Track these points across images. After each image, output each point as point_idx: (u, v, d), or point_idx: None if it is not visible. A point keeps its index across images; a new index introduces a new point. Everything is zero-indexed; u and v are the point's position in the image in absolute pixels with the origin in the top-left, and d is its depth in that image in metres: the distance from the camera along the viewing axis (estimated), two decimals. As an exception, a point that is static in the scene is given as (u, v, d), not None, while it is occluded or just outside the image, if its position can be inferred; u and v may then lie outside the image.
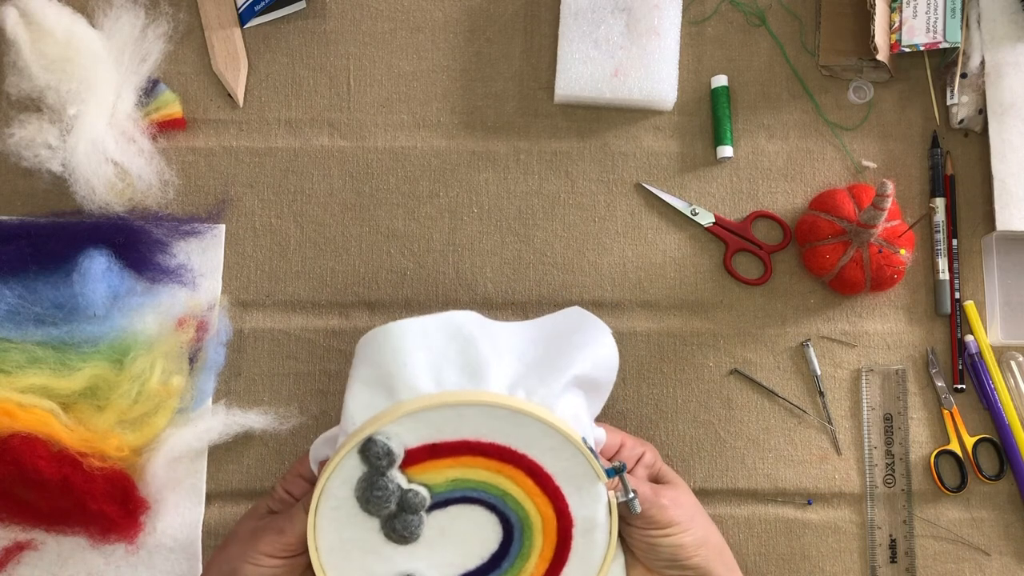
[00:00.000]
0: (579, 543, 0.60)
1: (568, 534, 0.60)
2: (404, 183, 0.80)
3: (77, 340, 0.72)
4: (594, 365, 0.62)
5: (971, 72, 0.78)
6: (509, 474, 0.59)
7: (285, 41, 0.82)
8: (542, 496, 0.59)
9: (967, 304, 0.77)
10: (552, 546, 0.60)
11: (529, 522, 0.60)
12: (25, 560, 0.72)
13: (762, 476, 0.76)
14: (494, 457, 0.58)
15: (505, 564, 0.60)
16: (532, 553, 0.60)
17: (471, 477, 0.59)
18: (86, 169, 0.75)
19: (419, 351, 0.59)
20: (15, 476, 0.69)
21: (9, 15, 0.75)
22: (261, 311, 0.78)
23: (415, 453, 0.58)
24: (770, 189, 0.80)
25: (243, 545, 0.60)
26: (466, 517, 0.59)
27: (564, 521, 0.59)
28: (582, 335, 0.63)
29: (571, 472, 0.59)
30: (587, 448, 0.58)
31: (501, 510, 0.59)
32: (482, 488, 0.59)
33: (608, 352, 0.64)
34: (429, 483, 0.59)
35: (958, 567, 0.74)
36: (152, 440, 0.72)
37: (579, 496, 0.59)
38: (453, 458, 0.58)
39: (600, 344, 0.63)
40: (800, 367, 0.77)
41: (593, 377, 0.63)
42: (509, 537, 0.60)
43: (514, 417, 0.58)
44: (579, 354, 0.61)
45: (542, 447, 0.58)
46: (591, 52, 0.78)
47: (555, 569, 0.60)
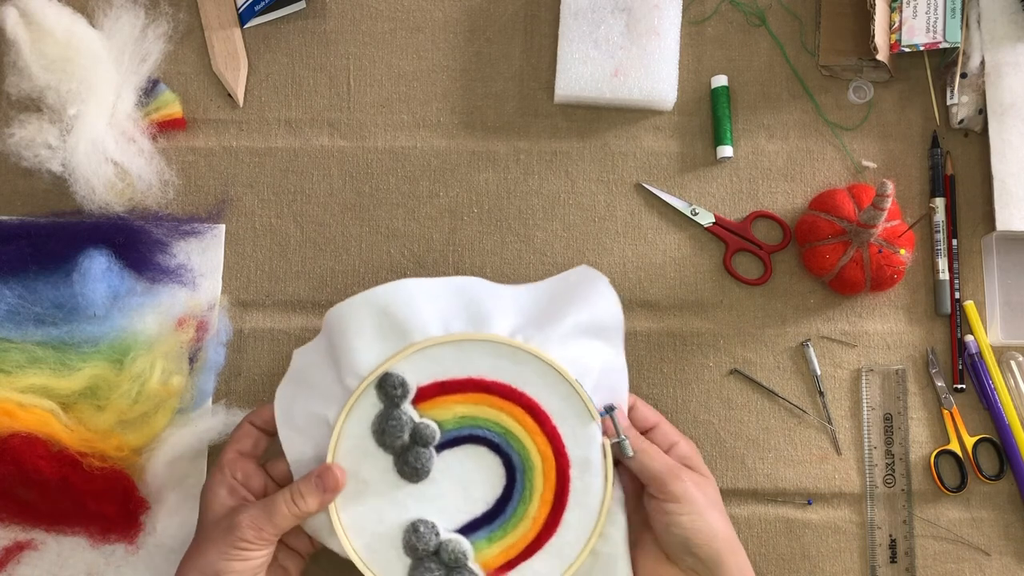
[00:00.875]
0: (577, 485, 0.62)
1: (566, 475, 0.62)
2: (404, 183, 0.80)
3: (77, 340, 0.72)
4: (592, 313, 0.65)
5: (971, 72, 0.78)
6: (510, 411, 0.62)
7: (285, 41, 0.82)
8: (540, 435, 0.62)
9: (967, 304, 0.77)
10: (552, 488, 0.62)
11: (530, 462, 0.63)
12: (25, 560, 0.72)
13: (762, 476, 0.76)
14: (496, 394, 0.62)
15: (509, 509, 0.63)
16: (534, 496, 0.63)
17: (476, 414, 0.63)
18: (86, 169, 0.75)
19: (429, 304, 0.63)
20: (15, 476, 0.69)
21: (9, 15, 0.75)
22: (261, 311, 0.78)
23: (425, 390, 0.62)
24: (770, 189, 0.80)
25: (219, 544, 0.59)
26: (472, 459, 0.63)
27: (561, 460, 0.62)
28: (581, 288, 0.66)
29: (566, 412, 0.62)
30: (580, 388, 0.62)
31: (504, 451, 0.63)
32: (486, 426, 0.63)
33: (606, 299, 0.66)
34: (438, 419, 0.62)
35: (958, 567, 0.74)
36: (152, 440, 0.72)
37: (574, 436, 0.62)
38: (460, 395, 0.62)
39: (598, 293, 0.66)
40: (800, 367, 0.77)
41: (597, 323, 0.65)
42: (512, 481, 0.63)
43: (514, 355, 0.62)
44: (575, 304, 0.65)
45: (539, 385, 0.62)
46: (591, 52, 0.78)
47: (556, 513, 0.62)
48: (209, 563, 0.59)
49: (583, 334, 0.65)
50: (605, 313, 0.65)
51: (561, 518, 0.62)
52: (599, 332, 0.65)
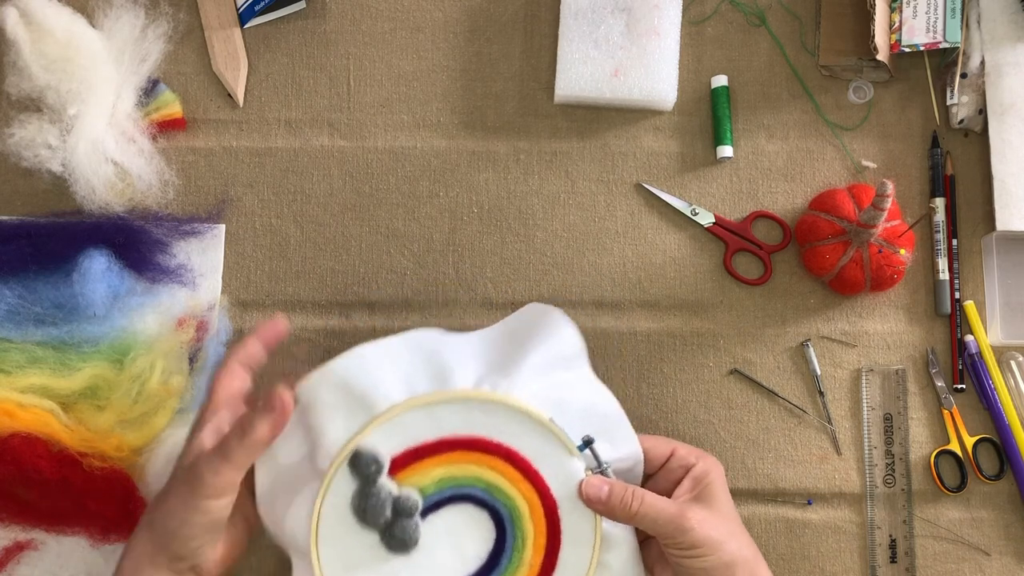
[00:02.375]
0: (568, 523, 0.61)
1: (555, 516, 0.61)
2: (404, 183, 0.80)
3: (77, 340, 0.72)
4: (552, 346, 0.64)
5: (971, 72, 0.78)
6: (489, 464, 0.61)
7: (285, 41, 0.82)
8: (523, 481, 0.61)
9: (967, 304, 0.77)
10: (543, 532, 0.61)
11: (518, 511, 0.61)
12: (25, 560, 0.72)
13: (762, 476, 0.76)
14: (472, 449, 0.60)
15: (504, 560, 0.61)
16: (526, 542, 0.61)
17: (455, 474, 0.61)
18: (86, 169, 0.75)
19: (388, 368, 0.61)
20: (15, 476, 0.69)
21: (9, 15, 0.75)
22: (261, 311, 0.78)
23: (399, 460, 0.60)
24: (770, 189, 0.80)
25: (181, 495, 0.57)
26: (459, 518, 0.61)
27: (548, 502, 0.61)
28: (537, 325, 0.65)
29: (546, 453, 0.61)
30: (553, 425, 0.60)
31: (490, 504, 0.61)
32: (467, 483, 0.61)
33: (563, 330, 0.65)
34: (418, 486, 0.60)
35: (958, 567, 0.74)
36: (152, 440, 0.72)
37: (556, 476, 0.61)
38: (435, 457, 0.60)
39: (554, 325, 0.65)
40: (800, 367, 0.77)
41: (559, 355, 0.64)
42: (502, 532, 0.61)
43: (483, 406, 0.60)
44: (533, 341, 0.63)
45: (514, 432, 0.60)
46: (591, 52, 0.78)
47: (551, 554, 0.61)
48: (171, 512, 0.57)
49: (549, 369, 0.63)
50: (565, 344, 0.64)
51: (557, 559, 0.61)
52: (566, 364, 0.64)
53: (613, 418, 0.64)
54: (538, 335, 0.64)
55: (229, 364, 0.62)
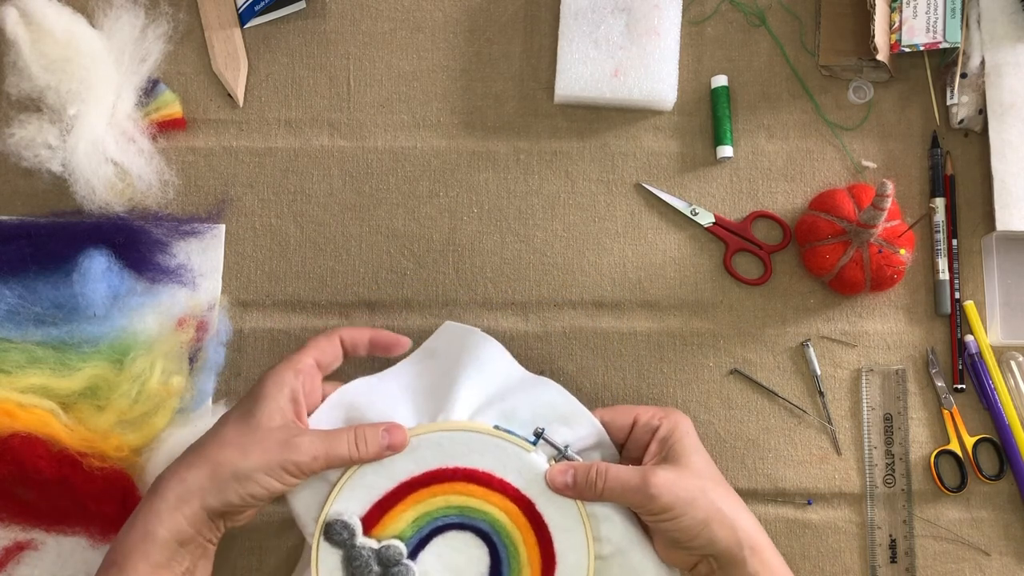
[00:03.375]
0: (552, 516, 0.62)
1: (536, 514, 0.62)
2: (404, 183, 0.80)
3: (77, 340, 0.72)
4: (477, 369, 0.65)
5: (971, 72, 0.78)
6: (457, 490, 0.62)
7: (285, 41, 0.82)
8: (493, 493, 0.62)
9: (967, 304, 0.77)
10: (531, 531, 0.62)
11: (499, 522, 0.63)
12: (25, 560, 0.72)
13: (762, 476, 0.76)
14: (433, 482, 0.62)
15: (505, 570, 0.63)
16: (519, 548, 0.63)
17: (427, 510, 0.63)
18: (86, 169, 0.75)
19: None
20: (15, 476, 0.69)
21: (9, 15, 0.75)
22: (261, 311, 0.78)
23: (369, 517, 0.62)
24: (770, 189, 0.80)
25: (269, 456, 0.58)
26: (448, 548, 0.63)
27: (524, 504, 0.62)
28: (460, 352, 0.66)
29: (502, 459, 0.62)
30: (499, 431, 0.62)
31: (471, 525, 0.63)
32: (442, 514, 0.63)
33: (484, 351, 0.66)
34: (397, 533, 0.62)
35: (958, 567, 0.74)
36: (152, 440, 0.72)
37: (522, 476, 0.62)
38: (402, 503, 0.63)
39: (476, 348, 0.66)
40: (800, 367, 0.77)
41: (491, 372, 0.66)
42: (493, 546, 0.63)
43: (428, 442, 0.62)
44: (460, 368, 0.65)
45: (464, 453, 0.62)
46: (591, 52, 0.78)
47: (547, 550, 0.62)
48: (249, 466, 0.57)
49: (481, 390, 0.65)
50: (493, 362, 0.66)
51: (554, 550, 0.62)
52: (498, 379, 0.66)
53: (561, 403, 0.65)
54: (462, 362, 0.65)
55: (333, 335, 0.64)
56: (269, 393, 0.60)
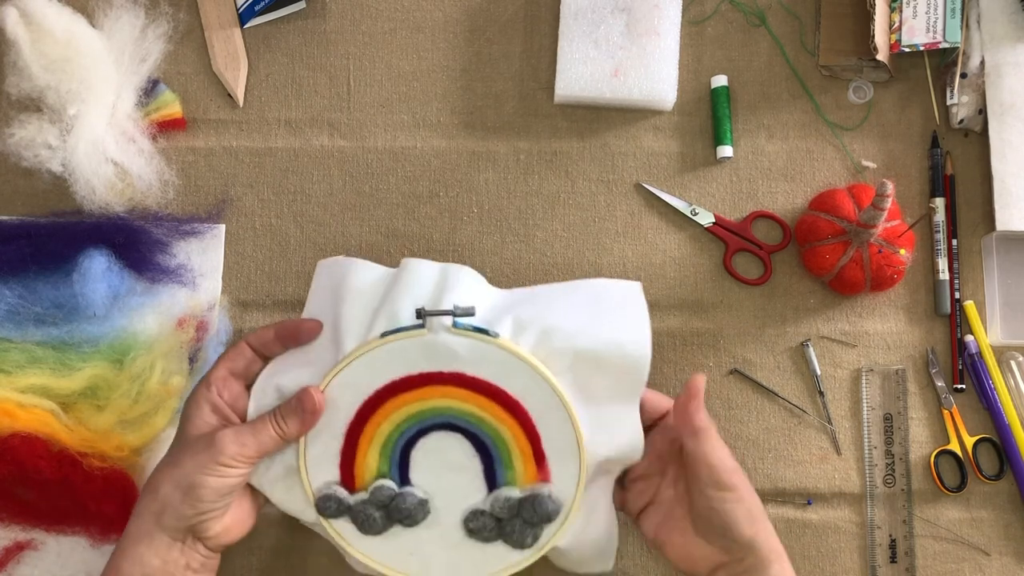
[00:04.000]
0: (513, 383, 0.61)
1: (478, 382, 0.61)
2: (404, 183, 0.80)
3: (77, 340, 0.72)
4: (356, 292, 0.63)
5: (971, 72, 0.78)
6: (401, 404, 0.62)
7: (285, 41, 0.82)
8: (434, 387, 0.61)
9: (967, 304, 0.77)
10: (509, 411, 0.62)
11: (458, 410, 0.62)
12: (25, 560, 0.72)
13: (762, 476, 0.76)
14: (373, 412, 0.62)
15: (493, 452, 0.62)
16: (505, 434, 0.62)
17: (385, 438, 0.62)
18: (86, 169, 0.75)
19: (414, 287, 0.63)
20: (15, 476, 0.69)
21: (9, 15, 0.75)
22: (261, 311, 0.78)
23: (344, 475, 0.63)
24: (770, 189, 0.80)
25: (199, 458, 0.59)
26: (429, 454, 0.63)
27: (472, 384, 0.61)
28: (337, 287, 0.64)
29: (413, 358, 0.61)
30: (386, 335, 0.61)
31: (439, 423, 0.62)
32: (402, 431, 0.62)
33: (357, 273, 0.64)
34: (376, 474, 0.62)
35: (958, 567, 0.74)
36: (152, 440, 0.72)
37: (449, 361, 0.61)
38: (359, 448, 0.63)
39: (347, 273, 0.64)
40: (800, 367, 0.77)
41: (365, 291, 0.64)
42: (468, 433, 0.62)
43: (343, 380, 0.61)
44: (342, 302, 0.63)
45: (384, 369, 0.61)
46: (591, 52, 0.78)
47: (534, 440, 0.62)
48: (185, 475, 0.58)
49: (363, 307, 0.63)
50: (354, 277, 0.64)
51: (535, 427, 0.62)
52: (366, 291, 0.64)
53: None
54: (338, 294, 0.64)
55: (240, 344, 0.64)
56: (189, 413, 0.62)
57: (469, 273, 0.63)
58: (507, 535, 0.62)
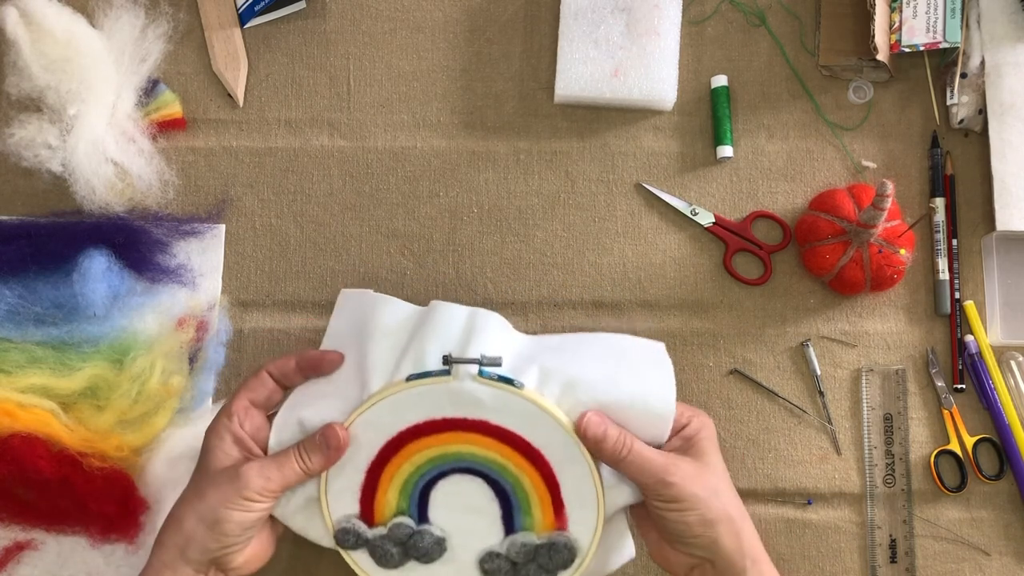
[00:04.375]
0: (541, 443, 0.61)
1: (515, 439, 0.61)
2: (404, 183, 0.80)
3: (77, 340, 0.72)
4: (384, 331, 0.63)
5: (971, 72, 0.78)
6: (423, 447, 0.62)
7: (285, 41, 0.82)
8: (457, 433, 0.62)
9: (967, 304, 0.77)
10: (520, 457, 0.62)
11: (480, 456, 0.62)
12: (25, 560, 0.72)
13: (762, 476, 0.76)
14: (395, 452, 0.62)
15: (512, 498, 0.63)
16: (514, 474, 0.62)
17: (407, 477, 0.63)
18: (86, 169, 0.75)
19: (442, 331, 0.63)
20: (15, 476, 0.69)
21: (9, 15, 0.75)
22: (261, 311, 0.78)
23: (364, 510, 0.63)
24: (770, 189, 0.80)
25: (223, 491, 0.59)
26: (448, 495, 0.63)
27: (498, 435, 0.61)
28: (366, 322, 0.64)
29: (438, 403, 0.61)
30: (411, 378, 0.61)
31: (459, 468, 0.62)
32: (422, 472, 0.63)
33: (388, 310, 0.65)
34: (395, 511, 0.63)
35: (958, 567, 0.74)
36: (152, 440, 0.72)
37: (473, 409, 0.61)
38: (380, 485, 0.63)
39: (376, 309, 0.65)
40: (800, 367, 0.77)
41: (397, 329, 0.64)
42: (488, 478, 0.63)
43: (367, 419, 0.61)
44: (370, 339, 0.63)
45: (406, 411, 0.61)
46: (591, 52, 0.78)
47: (554, 489, 0.62)
48: (210, 509, 0.58)
49: (391, 347, 0.63)
50: (386, 312, 0.64)
51: (555, 475, 0.62)
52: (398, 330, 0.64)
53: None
54: (367, 329, 0.64)
55: (261, 373, 0.64)
56: (211, 444, 0.62)
57: (497, 319, 0.63)
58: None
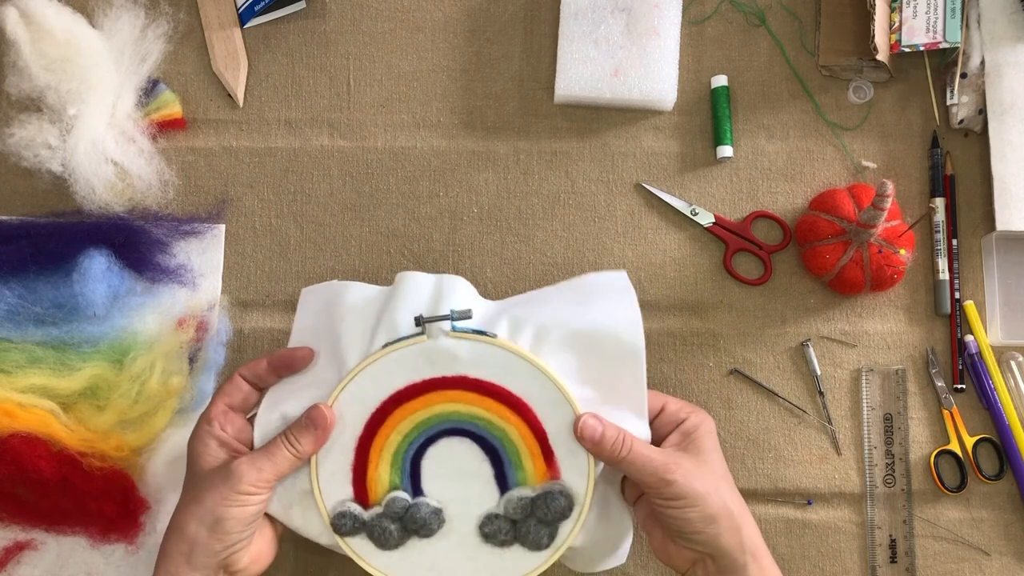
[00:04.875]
0: (515, 383, 0.62)
1: (481, 384, 0.62)
2: (404, 183, 0.80)
3: (77, 340, 0.72)
4: (353, 312, 0.64)
5: (971, 72, 0.78)
6: (408, 413, 0.62)
7: (285, 41, 0.82)
8: (443, 392, 0.62)
9: (967, 304, 0.77)
10: (514, 410, 0.62)
11: (465, 414, 0.62)
12: (25, 560, 0.72)
13: (762, 476, 0.76)
14: (380, 424, 0.62)
15: (504, 456, 0.62)
16: (512, 434, 0.62)
17: (395, 449, 0.62)
18: (86, 169, 0.75)
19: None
20: (15, 476, 0.69)
21: (9, 15, 0.75)
22: (261, 311, 0.78)
23: (357, 491, 0.63)
24: (770, 189, 0.80)
25: (219, 490, 0.59)
26: (438, 462, 0.63)
27: (475, 387, 0.62)
28: (331, 309, 0.65)
29: (418, 366, 0.62)
30: (387, 345, 0.61)
31: (447, 430, 0.62)
32: (411, 440, 0.62)
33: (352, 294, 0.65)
34: (389, 487, 0.62)
35: (958, 567, 0.74)
36: (152, 440, 0.72)
37: (452, 366, 0.61)
38: (370, 462, 0.63)
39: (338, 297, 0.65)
40: (800, 367, 0.77)
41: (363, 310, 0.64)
42: (477, 437, 0.62)
43: (350, 394, 0.62)
44: (340, 324, 0.64)
45: (388, 379, 0.62)
46: (591, 52, 0.78)
47: (541, 437, 0.62)
48: (208, 511, 0.58)
49: (361, 325, 0.64)
50: (349, 296, 0.65)
51: (541, 424, 0.62)
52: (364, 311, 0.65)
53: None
54: (334, 316, 0.64)
55: (234, 378, 0.64)
56: (196, 450, 0.62)
57: (463, 283, 0.64)
58: (523, 537, 0.62)
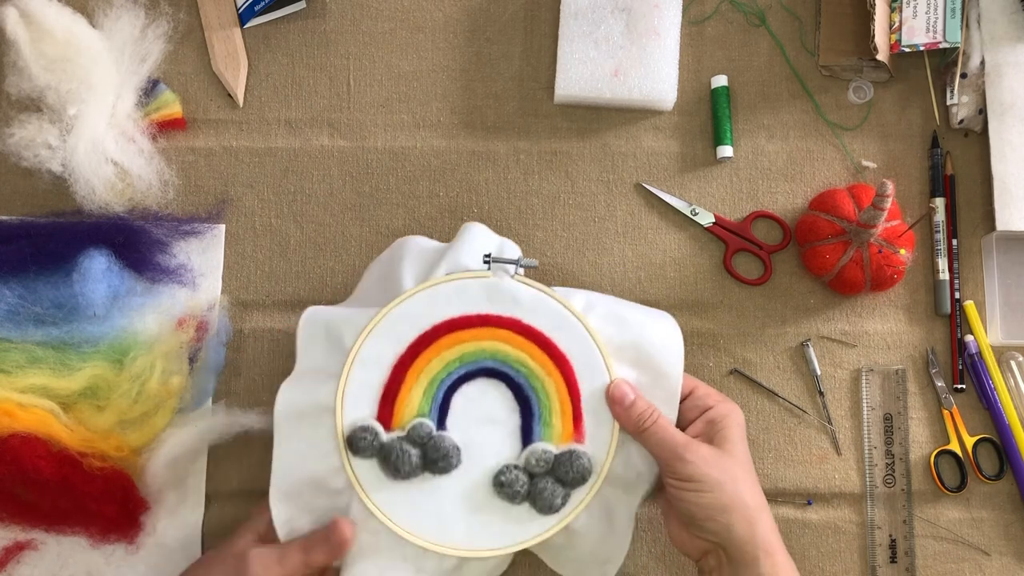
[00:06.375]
0: (562, 338, 0.63)
1: (532, 331, 0.63)
2: (404, 183, 0.80)
3: (77, 340, 0.72)
4: (419, 254, 0.67)
5: (971, 72, 0.78)
6: (453, 342, 0.63)
7: (285, 41, 0.82)
8: (488, 329, 0.63)
9: (967, 304, 0.77)
10: (557, 364, 0.63)
11: (505, 355, 0.63)
12: (25, 560, 0.72)
13: (762, 476, 0.76)
14: (424, 349, 0.63)
15: (531, 396, 0.63)
16: (549, 387, 0.63)
17: (431, 377, 0.63)
18: (86, 169, 0.75)
19: None
20: (15, 476, 0.69)
21: (9, 15, 0.75)
22: (261, 311, 0.78)
23: (382, 414, 0.62)
24: (770, 189, 0.80)
25: (228, 572, 0.60)
26: (469, 401, 0.63)
27: (519, 329, 0.63)
28: (400, 252, 0.67)
29: (475, 299, 0.63)
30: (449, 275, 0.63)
31: (484, 370, 0.63)
32: (448, 372, 0.63)
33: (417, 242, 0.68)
34: (416, 414, 0.62)
35: (958, 567, 0.75)
36: (152, 440, 0.72)
37: (505, 306, 0.63)
38: (403, 385, 0.63)
39: (409, 244, 0.68)
40: (800, 367, 0.77)
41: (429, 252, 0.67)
42: (512, 382, 0.63)
43: (401, 312, 0.63)
44: (404, 260, 0.66)
45: (444, 306, 0.63)
46: (591, 52, 0.78)
47: (575, 397, 0.63)
48: None
49: (420, 263, 0.66)
50: (417, 243, 0.68)
51: (578, 388, 0.63)
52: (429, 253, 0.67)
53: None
54: (401, 254, 0.67)
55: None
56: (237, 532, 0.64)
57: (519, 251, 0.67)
58: (537, 493, 0.61)
